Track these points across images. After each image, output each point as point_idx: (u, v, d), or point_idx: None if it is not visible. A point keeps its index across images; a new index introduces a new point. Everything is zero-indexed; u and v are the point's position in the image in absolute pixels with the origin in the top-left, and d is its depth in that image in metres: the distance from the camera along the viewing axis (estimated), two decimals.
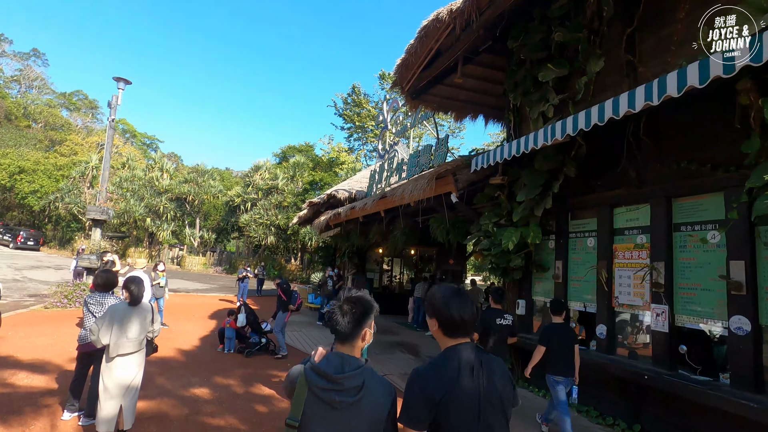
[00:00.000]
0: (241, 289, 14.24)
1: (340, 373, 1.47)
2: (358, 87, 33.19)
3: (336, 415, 1.47)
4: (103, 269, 4.04)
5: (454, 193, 6.62)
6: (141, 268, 7.19)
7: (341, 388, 1.47)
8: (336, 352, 1.57)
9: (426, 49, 6.51)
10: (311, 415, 1.47)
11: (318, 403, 1.48)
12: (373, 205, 8.67)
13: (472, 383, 1.52)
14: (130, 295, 3.29)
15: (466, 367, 1.54)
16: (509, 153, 5.42)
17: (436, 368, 1.55)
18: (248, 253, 33.09)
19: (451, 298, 1.60)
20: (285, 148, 36.75)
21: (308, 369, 1.52)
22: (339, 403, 1.46)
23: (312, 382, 1.49)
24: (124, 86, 12.21)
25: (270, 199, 29.87)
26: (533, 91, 6.04)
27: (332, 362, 1.52)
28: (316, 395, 1.48)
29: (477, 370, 1.54)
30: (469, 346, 1.60)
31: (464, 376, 1.52)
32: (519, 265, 5.99)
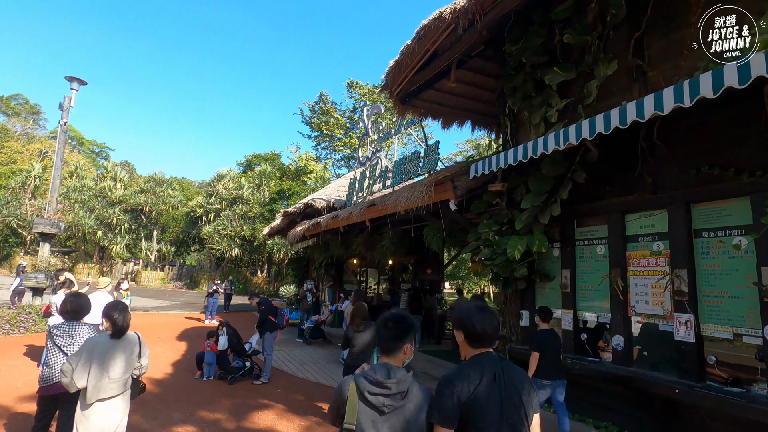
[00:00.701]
0: (210, 306, 13.31)
1: (390, 380, 1.65)
2: (326, 95, 32.79)
3: (384, 419, 1.63)
4: (74, 293, 3.36)
5: (452, 201, 6.34)
6: (104, 287, 6.37)
7: (389, 392, 1.64)
8: (382, 363, 1.75)
9: (422, 50, 6.24)
10: (362, 419, 1.63)
11: (368, 408, 1.64)
12: (360, 213, 8.25)
13: (494, 387, 1.68)
14: (112, 325, 2.70)
15: (489, 373, 1.70)
16: (514, 158, 5.20)
17: (462, 373, 1.71)
18: (210, 266, 31.47)
19: (476, 314, 1.78)
20: (250, 157, 35.55)
21: (358, 376, 1.72)
22: (387, 407, 1.63)
23: (363, 387, 1.66)
24: (78, 86, 11.16)
25: (234, 210, 28.61)
26: (535, 95, 5.89)
27: (379, 371, 1.70)
28: (366, 400, 1.65)
29: (499, 376, 1.70)
30: (492, 355, 1.78)
31: (487, 381, 1.68)
32: (524, 274, 5.75)
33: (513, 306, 6.26)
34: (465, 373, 1.73)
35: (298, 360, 7.97)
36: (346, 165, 34.52)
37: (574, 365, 4.98)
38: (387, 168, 9.95)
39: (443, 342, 11.39)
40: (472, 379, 1.70)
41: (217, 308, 14.01)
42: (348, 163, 34.42)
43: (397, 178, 9.15)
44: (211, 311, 13.36)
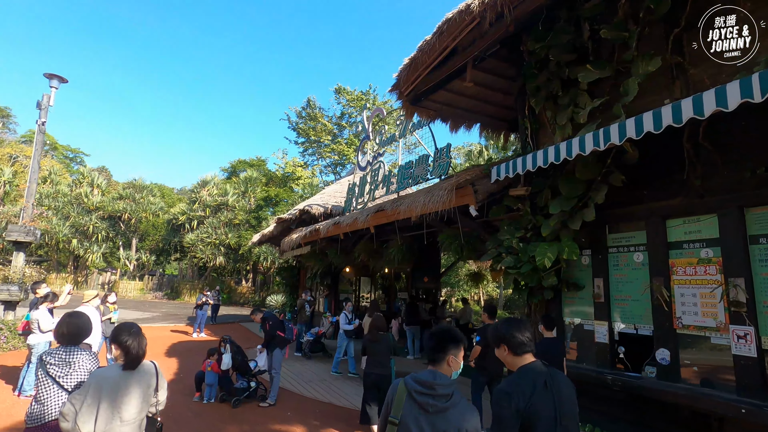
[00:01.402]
0: (199, 318, 12.58)
1: (436, 383, 1.87)
2: (313, 100, 32.36)
3: (427, 418, 1.83)
4: (72, 313, 2.83)
5: (472, 206, 6.00)
6: (88, 301, 5.75)
7: (435, 393, 1.85)
8: (429, 369, 1.98)
9: (441, 47, 5.91)
10: (407, 415, 1.84)
11: (413, 406, 1.86)
12: (367, 219, 7.82)
13: (547, 394, 1.85)
14: (125, 353, 2.21)
15: (539, 381, 1.87)
16: (545, 160, 4.89)
17: (516, 384, 1.88)
18: (193, 275, 30.36)
19: (511, 325, 2.07)
20: (235, 162, 34.67)
21: (407, 377, 1.95)
22: (431, 407, 1.83)
23: (411, 387, 1.90)
24: (58, 84, 10.44)
25: (219, 217, 27.73)
26: (561, 95, 5.60)
27: (426, 375, 1.93)
28: (413, 398, 1.87)
29: (549, 383, 1.88)
30: (538, 363, 1.96)
31: (541, 389, 1.85)
32: (553, 283, 5.42)
33: (538, 317, 5.90)
34: (519, 384, 1.89)
35: (302, 377, 7.43)
36: (333, 171, 34.04)
37: (615, 381, 4.64)
38: (391, 173, 9.58)
39: None
40: (527, 389, 1.86)
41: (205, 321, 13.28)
42: (335, 170, 33.95)
43: (402, 183, 8.79)
44: (200, 324, 12.63)
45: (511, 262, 5.82)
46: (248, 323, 17.18)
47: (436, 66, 6.55)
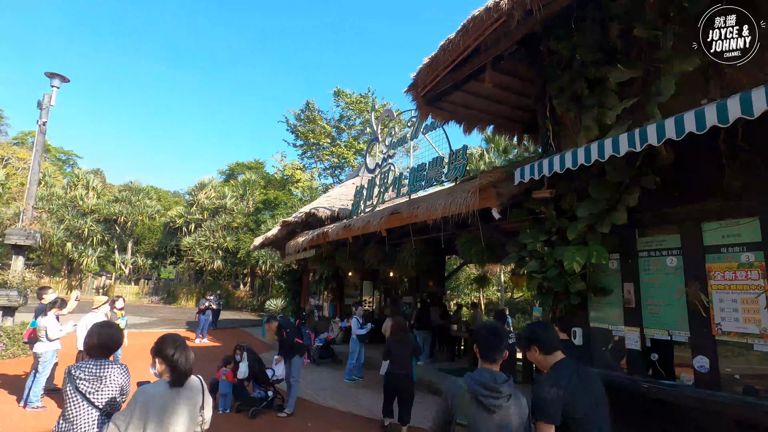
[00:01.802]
0: (202, 323, 12.31)
1: (497, 382, 2.00)
2: (312, 103, 32.16)
3: (492, 417, 1.95)
4: (103, 322, 2.63)
5: (495, 209, 5.87)
6: (98, 307, 5.52)
7: (500, 395, 1.98)
8: (485, 368, 2.09)
9: (464, 46, 5.78)
10: (473, 416, 1.95)
11: (478, 407, 1.96)
12: (381, 222, 7.65)
13: (581, 383, 2.15)
14: (171, 368, 2.02)
15: (573, 373, 2.17)
16: (574, 162, 4.75)
17: (554, 377, 2.15)
18: (190, 279, 29.96)
19: (538, 328, 2.41)
20: (233, 165, 34.41)
21: (469, 380, 2.03)
22: (496, 407, 1.95)
23: (474, 391, 1.98)
24: (59, 84, 10.20)
25: (217, 220, 27.41)
26: (587, 95, 5.49)
27: (484, 376, 2.03)
28: (478, 401, 1.97)
29: (581, 374, 2.20)
30: (570, 360, 2.25)
31: (575, 379, 2.14)
32: (581, 288, 5.28)
33: (563, 323, 5.75)
34: (557, 376, 2.14)
35: (315, 384, 7.22)
36: (331, 174, 33.87)
37: (651, 389, 4.49)
38: (402, 175, 9.43)
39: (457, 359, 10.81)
40: (564, 380, 2.10)
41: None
42: (334, 173, 33.79)
43: (414, 186, 8.64)
44: (202, 329, 12.36)
45: (536, 267, 5.68)
46: (250, 328, 16.91)
47: (455, 66, 6.42)
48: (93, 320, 5.25)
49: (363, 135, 32.25)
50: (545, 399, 2.06)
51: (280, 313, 22.74)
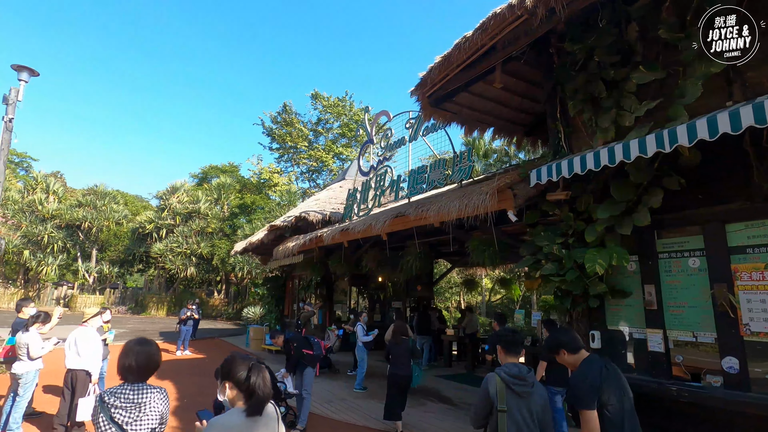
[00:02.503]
0: (183, 334, 11.63)
1: (522, 373, 2.51)
2: (290, 105, 31.56)
3: (522, 402, 2.46)
4: (140, 339, 2.27)
5: (511, 211, 5.76)
6: (87, 320, 5.00)
7: (527, 383, 2.49)
8: (512, 363, 2.63)
9: (480, 43, 5.66)
10: (509, 402, 2.44)
11: (512, 394, 2.46)
12: (385, 225, 7.41)
13: (609, 375, 2.49)
14: (248, 394, 1.74)
15: (602, 367, 2.51)
16: (596, 163, 4.71)
17: (587, 371, 2.50)
18: (160, 288, 28.56)
19: (563, 334, 2.77)
20: (206, 168, 33.19)
21: (502, 373, 2.51)
22: (524, 393, 2.47)
23: (509, 381, 2.48)
24: (28, 78, 9.42)
25: (190, 225, 26.29)
26: (605, 97, 5.47)
27: (512, 368, 2.54)
28: (511, 389, 2.46)
29: (609, 368, 2.55)
30: (595, 355, 2.64)
31: (604, 372, 2.48)
32: (602, 291, 5.22)
33: (581, 326, 5.69)
34: (589, 370, 2.48)
35: (319, 396, 6.86)
36: (309, 179, 33.31)
37: (681, 393, 4.46)
38: (400, 177, 9.24)
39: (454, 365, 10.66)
40: (595, 372, 2.45)
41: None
42: (311, 177, 33.24)
43: (415, 188, 8.45)
44: (184, 340, 11.66)
45: (553, 270, 5.60)
46: (231, 338, 16.20)
47: (466, 66, 6.31)
48: (84, 336, 4.74)
49: (341, 138, 31.93)
50: (583, 390, 2.42)
51: (258, 321, 21.98)
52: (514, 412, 2.39)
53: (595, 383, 2.39)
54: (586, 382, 2.41)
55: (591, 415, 2.35)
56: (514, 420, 2.37)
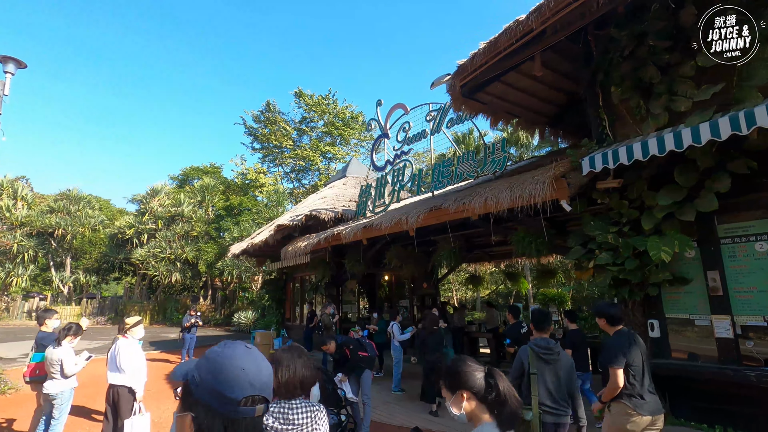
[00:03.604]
0: (188, 343, 11.00)
1: (550, 344, 3.29)
2: (273, 104, 30.75)
3: (549, 367, 3.23)
4: (291, 347, 1.94)
5: (564, 200, 5.60)
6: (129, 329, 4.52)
7: (553, 352, 3.25)
8: (540, 337, 3.41)
9: (530, 27, 5.49)
10: (538, 368, 3.22)
11: (540, 362, 3.23)
12: (419, 219, 7.14)
13: (635, 346, 3.24)
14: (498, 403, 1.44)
15: (630, 338, 3.28)
16: (660, 148, 4.66)
17: (618, 340, 3.28)
18: (141, 295, 27.27)
19: (609, 306, 3.51)
20: (187, 170, 31.89)
21: (533, 346, 3.30)
22: (551, 360, 3.24)
23: (537, 351, 3.25)
24: (14, 69, 8.61)
25: (173, 229, 25.17)
26: (658, 83, 5.39)
27: (541, 342, 3.31)
28: (539, 357, 3.24)
29: (635, 339, 3.30)
30: (626, 329, 3.41)
31: (632, 341, 3.25)
32: (666, 278, 5.14)
33: (637, 316, 5.60)
34: (620, 340, 3.25)
35: (377, 400, 6.52)
36: (295, 179, 32.60)
37: (761, 378, 4.40)
38: (421, 171, 9.00)
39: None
40: (625, 342, 3.21)
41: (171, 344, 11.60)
42: (297, 177, 32.55)
43: (440, 182, 8.22)
44: (188, 349, 11.04)
45: (608, 259, 5.48)
46: None
47: (508, 54, 6.12)
48: (127, 348, 4.27)
49: (326, 137, 31.40)
50: (614, 353, 3.18)
51: (252, 326, 21.25)
52: (543, 374, 3.18)
53: (624, 350, 3.17)
54: (618, 348, 3.20)
55: (618, 371, 3.14)
56: (542, 380, 3.17)
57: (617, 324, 3.40)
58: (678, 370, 5.16)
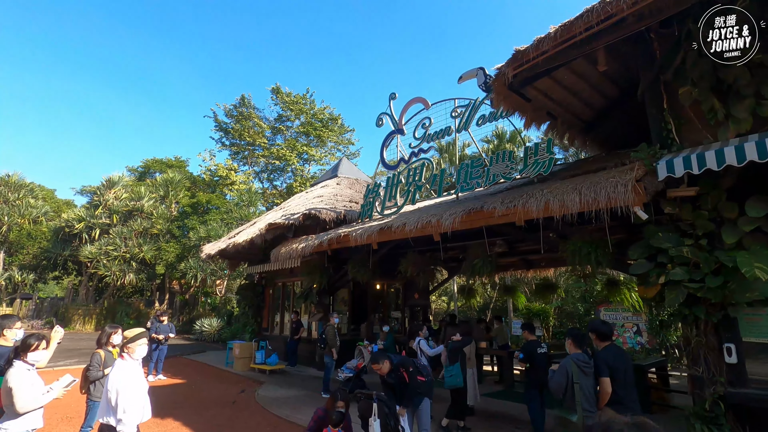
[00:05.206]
0: (155, 356, 9.45)
1: (587, 359, 3.96)
2: (249, 99, 29.20)
3: (587, 378, 3.83)
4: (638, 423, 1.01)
5: (639, 207, 5.02)
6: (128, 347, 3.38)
7: (590, 365, 3.90)
8: (579, 352, 4.06)
9: (613, 11, 4.91)
10: (580, 378, 3.79)
11: (581, 373, 3.82)
12: (455, 222, 6.35)
13: (621, 359, 3.97)
14: None
15: (616, 352, 4.08)
16: (761, 153, 4.15)
17: (606, 354, 3.99)
18: (88, 297, 24.52)
19: (602, 325, 4.39)
20: (149, 161, 29.37)
21: (576, 360, 3.91)
22: (589, 372, 3.86)
23: (579, 364, 3.86)
24: None
25: (131, 225, 22.85)
26: (746, 84, 4.94)
27: (582, 356, 3.97)
28: (581, 369, 3.85)
29: (620, 353, 4.10)
30: (613, 344, 4.20)
31: (618, 356, 3.99)
32: (755, 298, 4.61)
33: (711, 339, 5.05)
34: (608, 354, 4.02)
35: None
36: (267, 178, 31.00)
37: None
38: (443, 172, 8.26)
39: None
40: (611, 356, 3.98)
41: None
42: (270, 176, 30.97)
43: (469, 184, 7.50)
44: (156, 363, 9.50)
45: (684, 275, 4.91)
46: (196, 356, 13.91)
47: (571, 45, 5.53)
48: (123, 373, 3.11)
49: (302, 137, 30.16)
50: (603, 366, 3.89)
51: (215, 335, 19.45)
52: (583, 385, 3.77)
53: (609, 362, 3.88)
54: (606, 361, 3.89)
55: (607, 380, 3.81)
56: (583, 391, 3.73)
57: (606, 340, 4.15)
58: (761, 401, 4.64)
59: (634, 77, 6.74)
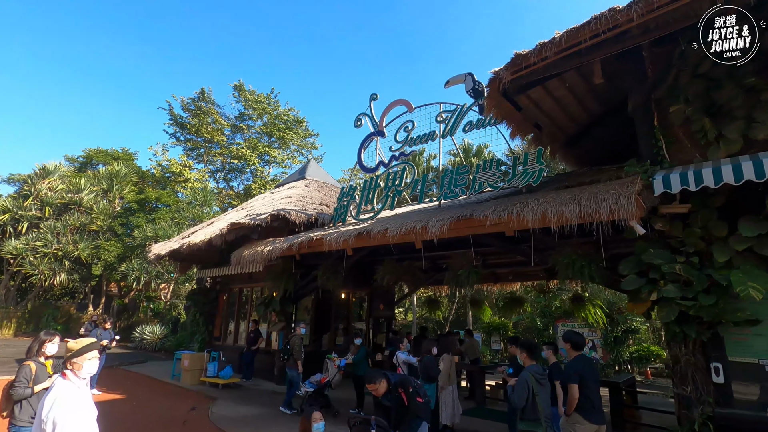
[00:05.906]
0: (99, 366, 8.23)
1: (543, 371, 4.35)
2: (209, 93, 27.75)
3: (543, 389, 4.14)
4: None
5: (637, 222, 4.93)
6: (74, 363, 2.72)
7: (544, 376, 4.25)
8: (534, 364, 4.35)
9: (617, 22, 4.85)
10: (537, 389, 4.07)
11: (537, 383, 4.10)
12: (444, 228, 6.02)
13: (590, 368, 4.27)
14: None
15: (586, 362, 4.32)
16: (759, 173, 4.20)
17: (576, 363, 4.25)
18: (8, 298, 21.79)
19: (576, 335, 4.49)
20: (91, 151, 26.86)
21: (532, 371, 4.19)
22: (544, 383, 4.19)
23: (536, 376, 4.15)
24: None
25: (66, 220, 20.64)
26: (739, 106, 5.03)
27: (537, 368, 4.29)
28: (536, 379, 4.12)
29: (589, 363, 4.37)
30: (583, 355, 4.39)
31: (587, 366, 4.27)
32: (747, 317, 4.62)
33: (699, 357, 5.01)
34: (579, 363, 4.24)
35: None
36: (224, 178, 29.48)
37: None
38: (426, 177, 7.97)
39: None
40: (581, 365, 4.21)
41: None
42: (226, 176, 29.47)
43: (453, 191, 7.25)
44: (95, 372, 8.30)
45: (677, 292, 4.86)
46: (138, 366, 12.55)
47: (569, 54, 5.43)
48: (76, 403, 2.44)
49: (264, 137, 29.05)
50: (572, 374, 4.12)
51: (157, 343, 17.87)
52: (541, 395, 4.03)
53: (578, 370, 4.13)
54: (574, 369, 4.14)
55: (575, 387, 4.05)
56: (542, 400, 4.01)
57: (578, 350, 4.40)
58: (746, 422, 4.62)
59: (618, 96, 6.81)
